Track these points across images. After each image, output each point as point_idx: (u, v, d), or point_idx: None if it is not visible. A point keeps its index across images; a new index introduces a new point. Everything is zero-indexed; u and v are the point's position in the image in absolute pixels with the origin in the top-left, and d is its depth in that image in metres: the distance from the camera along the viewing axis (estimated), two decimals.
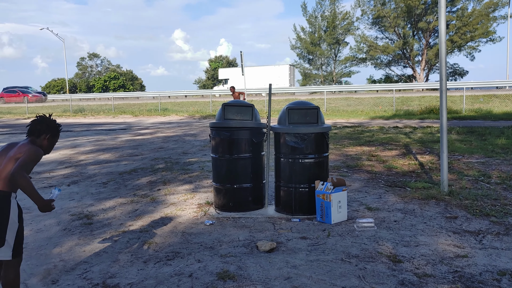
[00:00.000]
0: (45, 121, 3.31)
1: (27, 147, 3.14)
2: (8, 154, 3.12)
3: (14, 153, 3.09)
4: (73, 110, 32.24)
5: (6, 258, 3.07)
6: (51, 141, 3.35)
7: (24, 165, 3.02)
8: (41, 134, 3.28)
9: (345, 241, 4.57)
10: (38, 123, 3.29)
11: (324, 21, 59.07)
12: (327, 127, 5.55)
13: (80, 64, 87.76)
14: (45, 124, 3.30)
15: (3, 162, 3.09)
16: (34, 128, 3.28)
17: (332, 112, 23.64)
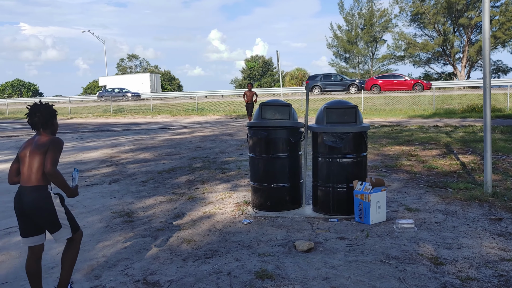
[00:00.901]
0: (42, 109, 3.39)
1: (48, 140, 3.30)
2: (31, 151, 3.28)
3: (37, 148, 3.26)
4: (113, 110, 33.04)
5: (68, 236, 3.46)
6: (56, 121, 3.50)
7: (55, 161, 3.23)
8: (48, 121, 3.40)
9: (384, 242, 4.51)
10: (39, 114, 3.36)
11: (361, 19, 58.25)
12: (366, 126, 5.48)
13: (120, 65, 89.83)
14: (45, 111, 3.39)
15: (30, 160, 3.27)
16: (40, 120, 3.37)
17: (370, 111, 23.29)
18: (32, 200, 3.25)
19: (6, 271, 4.21)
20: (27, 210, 3.29)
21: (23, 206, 3.30)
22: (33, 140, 3.36)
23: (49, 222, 3.34)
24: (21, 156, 3.33)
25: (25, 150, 3.32)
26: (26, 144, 3.38)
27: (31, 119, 3.39)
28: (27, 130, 21.55)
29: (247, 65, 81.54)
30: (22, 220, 3.37)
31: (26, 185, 3.27)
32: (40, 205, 3.27)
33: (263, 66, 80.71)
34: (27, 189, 3.27)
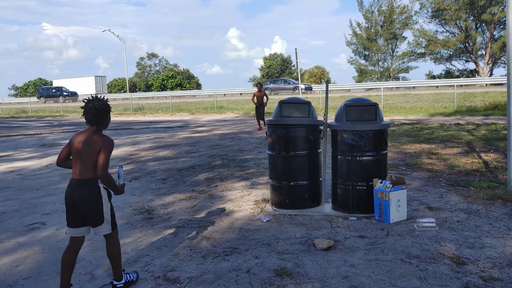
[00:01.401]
0: (97, 106, 3.50)
1: (101, 140, 3.47)
2: (84, 148, 3.45)
3: (91, 148, 3.44)
4: (133, 109, 33.40)
5: (107, 232, 3.62)
6: (109, 116, 3.65)
7: (106, 163, 3.44)
8: (102, 118, 3.54)
9: (404, 241, 4.46)
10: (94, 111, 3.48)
11: (381, 15, 57.74)
12: (386, 124, 5.43)
13: (140, 64, 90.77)
14: (100, 108, 3.51)
15: (83, 157, 3.45)
16: (95, 117, 3.49)
17: (389, 109, 23.06)
18: (83, 192, 3.46)
19: (30, 266, 4.29)
20: (77, 201, 3.47)
21: (74, 197, 3.47)
22: (85, 135, 3.50)
23: (95, 214, 3.52)
24: (74, 150, 3.49)
25: (79, 144, 3.47)
26: (80, 137, 3.51)
27: (86, 115, 3.52)
28: (49, 128, 21.94)
29: (266, 63, 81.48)
30: (71, 211, 3.53)
31: (78, 178, 3.46)
32: (90, 198, 3.48)
33: (281, 64, 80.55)
34: (80, 182, 3.46)
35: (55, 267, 4.24)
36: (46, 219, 5.85)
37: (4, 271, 4.22)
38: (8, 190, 7.76)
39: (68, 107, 39.57)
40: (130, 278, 3.80)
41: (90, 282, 3.87)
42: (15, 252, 4.70)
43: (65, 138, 16.40)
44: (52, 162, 10.65)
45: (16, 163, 10.82)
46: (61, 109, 36.96)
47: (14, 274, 4.13)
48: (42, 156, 11.93)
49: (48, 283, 3.89)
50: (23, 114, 36.15)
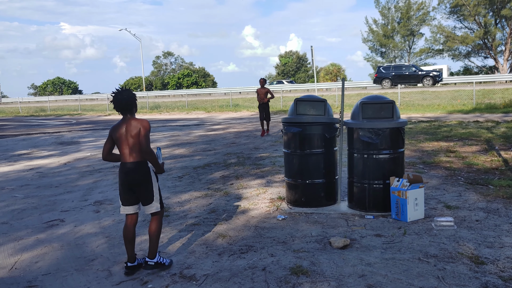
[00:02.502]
0: (126, 96, 3.89)
1: (138, 122, 3.84)
2: (127, 133, 3.83)
3: (132, 130, 3.82)
4: (149, 107, 33.64)
5: (156, 210, 3.99)
6: (136, 103, 4.03)
7: (148, 140, 3.85)
8: (132, 105, 3.93)
9: (422, 240, 4.41)
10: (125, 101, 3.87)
11: (397, 12, 57.14)
12: (403, 121, 5.37)
13: (156, 63, 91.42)
14: (128, 97, 3.90)
15: (128, 140, 3.84)
16: (126, 105, 3.88)
17: (407, 106, 22.81)
18: (136, 173, 3.85)
19: (49, 263, 4.35)
20: (131, 182, 3.87)
21: (128, 178, 3.86)
22: (124, 123, 3.87)
23: (146, 193, 3.91)
24: (118, 138, 3.86)
25: (121, 132, 3.85)
26: (118, 127, 3.88)
27: (118, 105, 3.87)
28: (67, 126, 22.23)
29: (281, 61, 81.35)
30: (125, 191, 3.92)
31: (130, 161, 3.84)
32: (142, 178, 3.87)
33: (297, 62, 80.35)
34: (132, 164, 3.84)
35: (73, 263, 4.30)
36: (64, 216, 5.93)
37: (24, 266, 4.29)
38: (28, 188, 7.88)
39: (86, 106, 40.05)
40: (163, 261, 4.01)
41: (107, 278, 3.91)
42: (34, 248, 4.78)
43: (83, 137, 16.61)
44: (70, 160, 10.80)
45: (35, 161, 10.99)
46: (79, 107, 37.41)
47: (34, 270, 4.20)
48: (61, 154, 12.09)
49: (66, 279, 3.94)
50: (42, 112, 36.69)
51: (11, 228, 5.56)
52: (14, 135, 18.17)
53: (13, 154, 12.55)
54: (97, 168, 9.47)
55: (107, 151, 3.99)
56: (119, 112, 3.91)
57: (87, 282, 3.85)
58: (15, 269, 4.24)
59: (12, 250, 4.77)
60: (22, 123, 26.56)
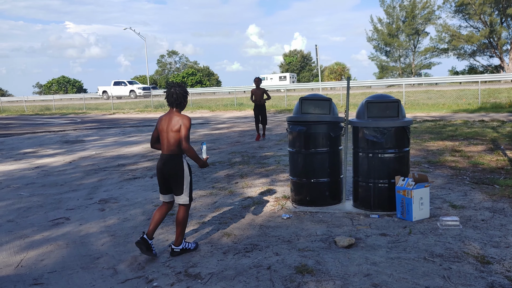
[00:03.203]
0: (178, 91, 4.17)
1: (180, 119, 4.10)
2: (168, 127, 4.11)
3: (173, 126, 4.09)
4: (154, 106, 33.67)
5: (185, 202, 4.24)
6: (187, 100, 4.28)
7: (187, 138, 4.09)
8: (182, 101, 4.19)
9: (427, 239, 4.40)
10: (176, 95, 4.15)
11: (402, 11, 56.98)
12: (409, 121, 5.35)
13: (160, 62, 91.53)
14: (180, 92, 4.17)
15: (168, 135, 4.11)
16: (175, 99, 4.15)
17: (411, 105, 22.73)
18: (170, 165, 4.12)
19: (54, 261, 4.37)
20: (166, 172, 4.15)
21: (164, 169, 4.14)
22: (168, 117, 4.15)
23: (178, 184, 4.17)
24: (160, 130, 4.16)
25: (163, 124, 4.15)
26: (163, 119, 4.17)
27: (169, 99, 4.15)
28: (72, 125, 22.29)
29: (286, 60, 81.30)
30: (162, 181, 4.22)
31: (166, 153, 4.13)
32: (175, 171, 4.12)
33: (301, 61, 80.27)
34: (168, 157, 4.13)
35: (78, 261, 4.31)
36: (69, 215, 5.95)
37: (30, 264, 4.31)
38: (33, 186, 7.91)
39: (90, 105, 40.12)
40: (188, 246, 4.32)
41: (113, 276, 3.92)
42: (40, 246, 4.79)
43: (88, 135, 16.65)
44: (75, 159, 10.83)
45: (41, 160, 11.03)
46: (83, 106, 37.50)
47: (40, 268, 4.22)
48: (66, 152, 12.13)
49: (72, 277, 3.96)
50: (47, 111, 36.78)
51: (16, 226, 5.58)
52: (20, 134, 18.24)
53: (18, 152, 12.60)
54: (102, 167, 9.50)
55: (154, 139, 4.33)
56: (168, 105, 4.18)
57: (93, 280, 3.87)
58: (21, 267, 4.26)
59: (17, 248, 4.79)
60: (27, 121, 26.65)
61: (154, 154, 10.87)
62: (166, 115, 4.19)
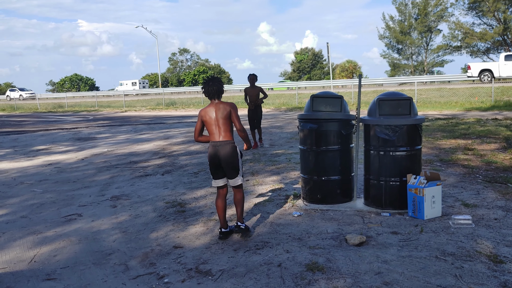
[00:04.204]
0: (217, 82, 4.60)
1: (228, 105, 4.53)
2: (218, 115, 4.48)
3: (223, 113, 4.48)
4: (165, 104, 33.82)
5: (240, 182, 4.64)
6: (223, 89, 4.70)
7: (240, 119, 4.57)
8: (221, 91, 4.62)
9: (439, 237, 4.36)
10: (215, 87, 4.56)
11: (415, 8, 56.37)
12: (421, 118, 5.31)
13: (171, 59, 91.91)
14: (218, 84, 4.60)
15: (219, 122, 4.48)
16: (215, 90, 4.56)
17: (423, 103, 22.55)
18: (226, 150, 4.46)
19: (67, 256, 4.41)
20: (221, 158, 4.47)
21: (218, 155, 4.47)
22: (213, 107, 4.52)
23: (233, 167, 4.54)
24: (208, 121, 4.50)
25: (211, 114, 4.50)
26: (208, 112, 4.52)
27: (210, 92, 4.53)
28: (84, 122, 22.47)
29: (297, 58, 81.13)
30: (215, 167, 4.54)
31: (220, 140, 4.48)
32: (230, 155, 4.48)
33: (312, 59, 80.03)
34: (221, 143, 4.48)
35: (90, 257, 4.35)
36: (82, 211, 6.00)
37: (43, 260, 4.36)
38: (46, 183, 8.00)
39: (102, 102, 40.44)
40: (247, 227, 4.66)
41: (124, 272, 3.96)
42: (53, 242, 4.85)
43: (100, 132, 16.78)
44: (87, 156, 10.92)
45: (54, 156, 11.14)
46: (96, 104, 37.78)
47: (52, 263, 4.26)
48: (78, 149, 12.24)
49: (84, 273, 4.00)
50: (59, 108, 37.13)
51: (30, 222, 5.65)
52: (33, 131, 18.44)
53: (31, 149, 12.74)
54: (114, 164, 9.57)
55: (198, 132, 4.65)
56: (208, 97, 4.54)
57: (104, 276, 3.90)
58: (34, 262, 4.31)
59: (31, 243, 4.85)
60: (40, 119, 26.93)
61: (165, 152, 10.93)
62: (209, 107, 4.53)
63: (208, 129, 4.54)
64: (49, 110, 36.86)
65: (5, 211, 6.20)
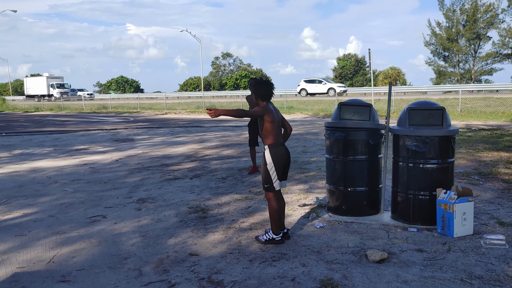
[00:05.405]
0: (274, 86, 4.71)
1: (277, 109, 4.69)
2: (279, 117, 4.63)
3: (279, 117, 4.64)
4: (205, 107, 34.12)
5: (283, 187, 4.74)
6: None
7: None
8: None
9: (468, 258, 4.09)
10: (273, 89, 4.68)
11: (463, 14, 54.65)
12: (454, 130, 5.04)
13: (214, 63, 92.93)
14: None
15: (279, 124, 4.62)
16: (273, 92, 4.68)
17: (467, 113, 21.71)
18: (288, 151, 4.63)
19: (85, 259, 4.43)
20: (288, 160, 4.61)
21: (288, 157, 4.60)
22: (273, 108, 4.60)
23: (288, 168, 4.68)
24: (273, 119, 4.50)
25: (276, 115, 4.55)
26: (274, 111, 4.56)
27: (270, 91, 4.61)
28: (124, 123, 22.96)
29: (339, 64, 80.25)
30: (286, 167, 4.61)
31: (283, 142, 4.67)
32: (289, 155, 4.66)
33: (355, 65, 78.96)
34: (285, 146, 4.64)
35: (107, 260, 4.35)
36: (107, 212, 6.05)
37: (61, 261, 4.39)
38: (79, 182, 8.15)
39: (145, 104, 41.29)
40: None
41: (137, 278, 3.92)
42: (73, 243, 4.89)
43: (138, 134, 17.07)
44: (122, 157, 11.10)
45: (90, 156, 11.39)
46: (138, 105, 38.61)
47: (70, 265, 4.29)
48: (114, 150, 12.47)
49: (98, 277, 3.99)
50: (103, 109, 38.17)
51: (56, 221, 5.74)
52: (74, 131, 18.99)
53: (71, 149, 13.09)
54: (146, 166, 9.66)
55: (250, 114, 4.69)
56: (264, 99, 4.56)
57: (117, 281, 3.88)
58: (52, 263, 4.35)
59: (53, 243, 4.91)
60: (83, 119, 27.75)
61: (198, 156, 10.96)
62: (274, 108, 4.61)
63: (271, 128, 4.49)
64: (93, 110, 37.96)
65: (35, 210, 6.33)
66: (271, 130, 4.48)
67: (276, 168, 4.51)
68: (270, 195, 4.60)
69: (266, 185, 4.59)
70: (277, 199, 4.61)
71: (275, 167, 4.50)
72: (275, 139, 4.51)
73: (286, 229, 4.74)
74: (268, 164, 4.53)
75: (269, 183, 4.55)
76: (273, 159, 4.50)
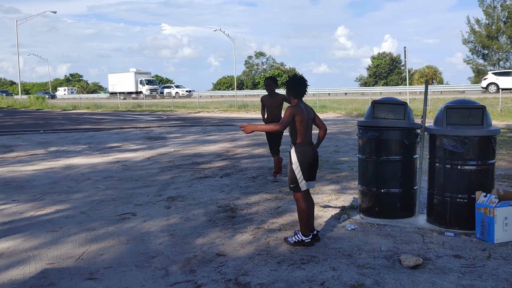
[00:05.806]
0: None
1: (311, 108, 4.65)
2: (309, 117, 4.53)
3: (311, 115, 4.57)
4: (237, 106, 34.18)
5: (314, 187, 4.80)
6: None
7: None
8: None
9: (510, 266, 3.86)
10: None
11: (504, 11, 52.70)
12: (495, 130, 4.78)
13: (247, 63, 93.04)
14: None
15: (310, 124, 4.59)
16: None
17: (509, 112, 20.90)
18: (317, 153, 4.57)
19: (113, 256, 4.42)
20: (315, 160, 4.53)
21: (315, 158, 4.52)
22: (303, 107, 4.48)
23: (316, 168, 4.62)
24: (302, 119, 4.41)
25: (306, 114, 4.45)
26: (302, 109, 4.43)
27: (303, 89, 4.49)
28: (158, 122, 23.23)
29: (373, 62, 79.02)
30: (315, 167, 4.56)
31: (311, 141, 4.53)
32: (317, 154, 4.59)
33: (390, 64, 77.54)
34: (314, 146, 4.56)
35: (134, 259, 4.33)
36: (137, 210, 6.06)
37: (89, 258, 4.40)
38: (111, 180, 8.23)
39: (178, 103, 41.71)
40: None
41: (163, 278, 3.87)
42: (102, 240, 4.90)
43: (170, 132, 17.21)
44: (154, 155, 11.17)
45: (123, 154, 11.52)
46: (171, 104, 39.05)
47: (98, 262, 4.28)
48: (147, 148, 12.58)
49: (125, 275, 3.96)
50: (138, 108, 38.77)
51: (87, 218, 5.78)
52: (109, 129, 19.32)
53: (104, 146, 13.29)
54: (177, 164, 9.68)
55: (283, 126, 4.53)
56: (297, 97, 4.46)
57: (143, 280, 3.84)
58: (81, 260, 4.35)
59: (83, 240, 4.94)
60: (118, 117, 28.23)
61: (229, 154, 10.92)
62: (301, 106, 4.45)
63: (299, 127, 4.40)
64: (128, 109, 38.62)
65: (68, 206, 6.41)
66: (299, 129, 4.40)
67: (302, 167, 4.40)
68: (298, 195, 4.49)
69: (292, 185, 4.49)
70: (305, 199, 4.50)
71: (301, 167, 4.40)
72: (302, 138, 4.42)
73: (316, 231, 4.61)
74: (294, 164, 4.43)
75: (294, 182, 4.45)
76: (298, 158, 4.40)
